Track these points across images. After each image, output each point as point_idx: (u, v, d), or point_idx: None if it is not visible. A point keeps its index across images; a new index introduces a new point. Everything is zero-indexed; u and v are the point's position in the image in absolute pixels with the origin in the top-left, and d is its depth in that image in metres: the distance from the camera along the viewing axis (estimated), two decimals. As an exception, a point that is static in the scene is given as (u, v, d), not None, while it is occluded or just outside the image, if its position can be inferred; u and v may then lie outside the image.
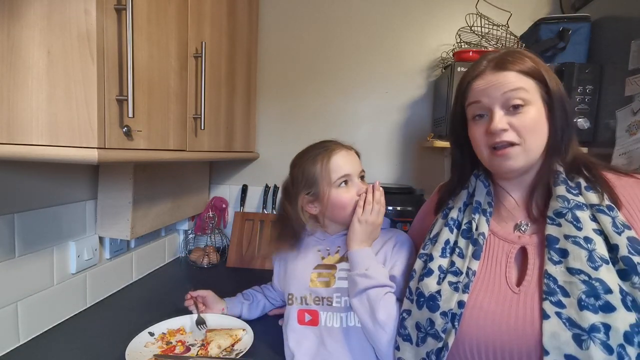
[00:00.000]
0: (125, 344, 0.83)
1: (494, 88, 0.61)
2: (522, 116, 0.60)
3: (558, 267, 0.56)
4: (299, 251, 0.89)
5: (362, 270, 0.74)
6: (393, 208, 1.26)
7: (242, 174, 1.66)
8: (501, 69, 0.61)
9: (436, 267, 0.66)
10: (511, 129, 0.61)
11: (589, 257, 0.54)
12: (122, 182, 1.07)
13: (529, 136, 0.60)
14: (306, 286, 0.83)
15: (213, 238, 1.55)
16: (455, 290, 0.62)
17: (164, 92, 0.86)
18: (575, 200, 0.59)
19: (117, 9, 0.67)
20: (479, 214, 0.68)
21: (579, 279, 0.53)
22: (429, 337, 0.62)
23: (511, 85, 0.60)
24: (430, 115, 1.51)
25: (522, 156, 0.61)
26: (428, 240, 0.73)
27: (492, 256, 0.65)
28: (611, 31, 1.06)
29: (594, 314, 0.50)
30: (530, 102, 0.60)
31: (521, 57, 0.62)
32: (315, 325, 0.80)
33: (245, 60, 1.42)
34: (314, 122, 1.59)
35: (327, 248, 0.86)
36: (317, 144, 0.87)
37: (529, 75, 0.61)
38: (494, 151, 0.63)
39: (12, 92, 0.64)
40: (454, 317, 0.60)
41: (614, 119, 0.97)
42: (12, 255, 0.84)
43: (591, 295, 0.51)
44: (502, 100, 0.61)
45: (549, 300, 0.54)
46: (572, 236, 0.56)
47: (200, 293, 1.01)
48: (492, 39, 1.26)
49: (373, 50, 1.53)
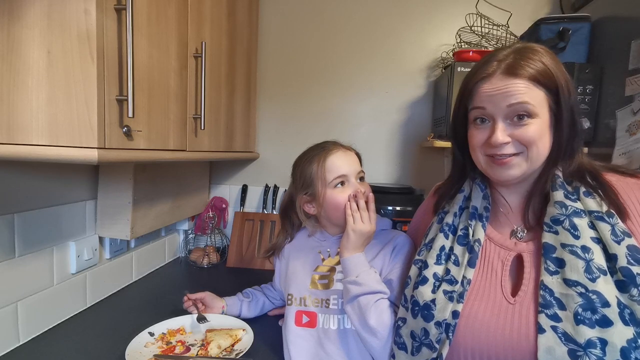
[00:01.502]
0: (125, 344, 0.83)
1: (501, 96, 0.58)
2: (526, 128, 0.58)
3: (554, 277, 0.55)
4: (300, 252, 0.89)
5: (352, 277, 0.74)
6: (393, 208, 1.26)
7: (242, 174, 1.66)
8: (511, 74, 0.58)
9: (431, 275, 0.65)
10: (513, 140, 0.59)
11: (586, 268, 0.52)
12: (122, 182, 1.07)
13: (530, 147, 0.59)
14: (306, 287, 0.83)
15: (213, 238, 1.55)
16: (450, 300, 0.61)
17: (164, 92, 0.86)
18: (573, 207, 0.57)
19: (117, 9, 0.67)
20: (475, 219, 0.67)
21: (575, 292, 0.52)
22: (424, 346, 0.62)
23: (519, 97, 0.57)
24: (430, 115, 1.51)
25: (523, 165, 0.60)
26: (423, 246, 0.72)
27: (488, 263, 0.64)
28: (611, 31, 1.06)
29: (591, 328, 0.49)
30: (535, 115, 0.58)
31: (534, 60, 0.58)
32: (312, 327, 0.80)
33: (245, 60, 1.42)
34: (314, 122, 1.59)
35: (328, 250, 0.86)
36: (317, 145, 0.87)
37: (540, 84, 0.58)
38: (492, 159, 0.62)
39: (12, 92, 0.64)
40: (448, 327, 0.59)
41: (614, 119, 0.97)
42: (12, 255, 0.84)
43: (588, 308, 0.50)
44: (507, 112, 0.59)
45: (544, 314, 0.53)
46: (569, 245, 0.55)
47: (198, 296, 1.01)
48: (492, 39, 1.26)
49: (373, 50, 1.53)
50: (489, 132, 0.61)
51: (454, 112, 0.70)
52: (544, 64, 0.58)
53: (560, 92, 0.58)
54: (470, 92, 0.63)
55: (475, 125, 0.64)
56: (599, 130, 1.05)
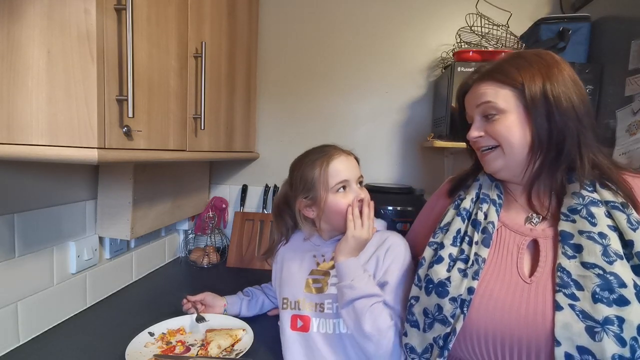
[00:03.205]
0: (125, 344, 0.83)
1: (472, 100, 0.68)
2: (495, 124, 0.65)
3: (572, 261, 0.56)
4: (295, 255, 0.89)
5: (348, 281, 0.74)
6: (393, 208, 1.26)
7: (242, 174, 1.66)
8: (482, 80, 0.67)
9: (447, 255, 0.67)
10: (487, 135, 0.67)
11: (604, 252, 0.54)
12: (122, 182, 1.07)
13: (502, 140, 0.65)
14: (301, 291, 0.83)
15: (213, 238, 1.55)
16: (465, 277, 0.62)
17: (163, 92, 0.86)
18: (590, 197, 0.60)
19: (117, 9, 0.67)
20: (487, 203, 0.70)
21: (593, 273, 0.53)
22: (437, 322, 0.62)
23: (483, 97, 0.65)
24: (430, 115, 1.51)
25: (500, 159, 0.66)
26: (438, 230, 0.73)
27: (503, 246, 0.65)
28: (611, 31, 1.06)
29: (608, 307, 0.51)
30: (504, 110, 0.64)
31: (500, 63, 0.66)
32: (305, 331, 0.80)
33: (245, 60, 1.42)
34: (314, 122, 1.59)
35: (323, 254, 0.86)
36: (316, 148, 0.86)
37: (505, 83, 0.64)
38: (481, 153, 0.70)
39: (12, 92, 0.64)
40: (463, 302, 0.60)
41: (614, 119, 0.97)
42: (12, 255, 0.84)
43: (605, 288, 0.52)
44: (479, 111, 0.67)
45: (562, 292, 0.54)
46: (586, 231, 0.57)
47: (198, 297, 1.01)
48: (492, 39, 1.26)
49: (373, 50, 1.53)
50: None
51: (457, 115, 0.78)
52: (505, 66, 0.65)
53: (527, 91, 0.61)
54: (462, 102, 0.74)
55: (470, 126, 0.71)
56: (599, 130, 1.05)
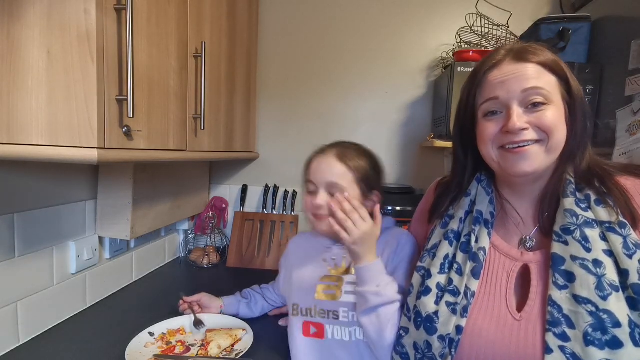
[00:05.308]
0: (125, 344, 0.83)
1: (514, 81, 0.56)
2: (544, 113, 0.55)
3: (563, 292, 0.52)
4: (305, 259, 0.86)
5: (373, 287, 0.69)
6: (393, 208, 1.26)
7: (242, 174, 1.66)
8: (521, 59, 0.56)
9: (434, 285, 0.63)
10: (532, 126, 0.56)
11: (598, 285, 0.50)
12: (122, 182, 1.07)
13: (551, 134, 0.55)
14: (312, 297, 0.80)
15: (213, 238, 1.55)
16: (454, 313, 0.59)
17: (163, 92, 0.86)
18: (584, 217, 0.55)
19: (117, 9, 0.67)
20: (479, 225, 0.64)
21: (585, 310, 0.50)
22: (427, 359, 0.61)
23: (533, 81, 0.55)
24: (430, 115, 1.51)
25: (540, 157, 0.56)
26: (426, 252, 0.69)
27: (493, 274, 0.61)
28: (611, 31, 1.06)
29: (600, 350, 0.47)
30: (551, 101, 0.55)
31: (542, 50, 0.57)
32: (321, 337, 0.78)
33: (245, 60, 1.42)
34: (314, 122, 1.59)
35: (333, 257, 0.83)
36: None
37: (551, 70, 0.56)
38: (507, 149, 0.58)
39: (12, 92, 0.64)
40: (451, 342, 0.58)
41: (614, 119, 0.97)
42: (12, 255, 0.84)
43: (598, 329, 0.48)
44: (521, 98, 0.56)
45: (552, 332, 0.51)
46: (580, 258, 0.52)
47: (194, 298, 1.00)
48: (492, 39, 1.26)
49: (373, 50, 1.53)
50: (503, 121, 0.57)
51: (459, 110, 0.67)
52: (551, 54, 0.58)
53: (571, 82, 0.57)
54: (480, 83, 0.60)
55: (486, 119, 0.60)
56: (599, 131, 1.05)
